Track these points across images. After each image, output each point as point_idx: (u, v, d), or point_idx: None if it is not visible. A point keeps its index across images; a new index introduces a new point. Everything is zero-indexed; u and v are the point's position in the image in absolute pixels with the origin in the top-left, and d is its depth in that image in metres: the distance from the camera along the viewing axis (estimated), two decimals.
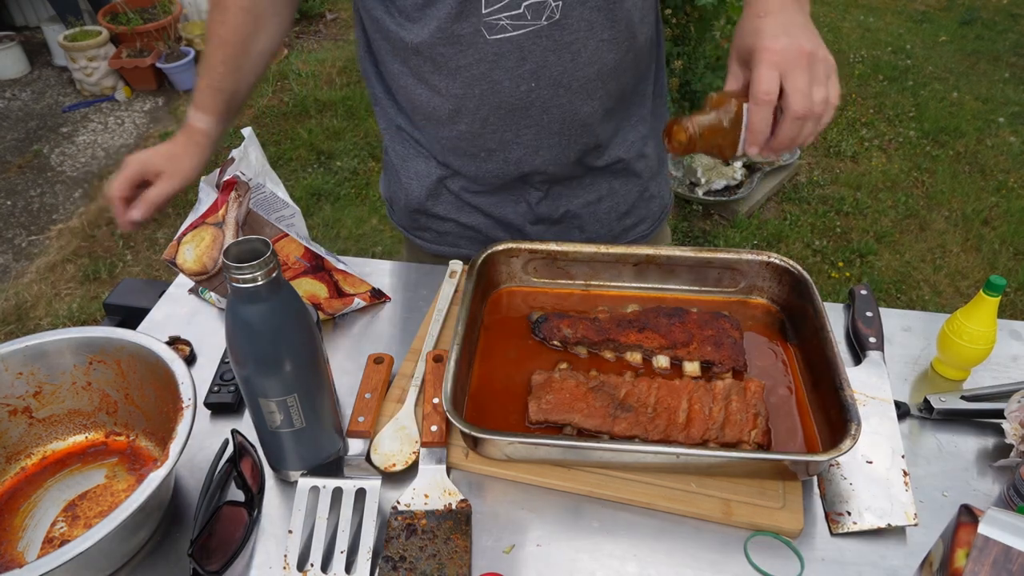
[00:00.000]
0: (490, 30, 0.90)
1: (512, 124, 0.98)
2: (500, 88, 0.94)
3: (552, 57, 0.92)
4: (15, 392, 0.83)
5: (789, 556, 0.75)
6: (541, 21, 0.90)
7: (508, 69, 0.92)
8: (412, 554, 0.74)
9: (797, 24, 0.77)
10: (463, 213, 1.11)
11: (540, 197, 1.08)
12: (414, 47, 0.93)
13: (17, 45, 4.13)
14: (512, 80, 0.93)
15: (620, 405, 0.84)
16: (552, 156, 1.02)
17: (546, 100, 0.96)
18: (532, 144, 1.00)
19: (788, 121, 0.76)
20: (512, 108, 0.96)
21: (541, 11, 0.89)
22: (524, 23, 0.89)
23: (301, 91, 3.96)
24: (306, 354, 0.73)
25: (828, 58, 0.76)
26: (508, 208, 1.09)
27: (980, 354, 0.91)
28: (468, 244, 1.15)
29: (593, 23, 0.91)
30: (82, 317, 2.64)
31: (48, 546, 0.77)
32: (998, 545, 0.57)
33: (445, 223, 1.14)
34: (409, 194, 1.12)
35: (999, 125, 3.61)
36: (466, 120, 0.98)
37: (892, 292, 2.71)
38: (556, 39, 0.91)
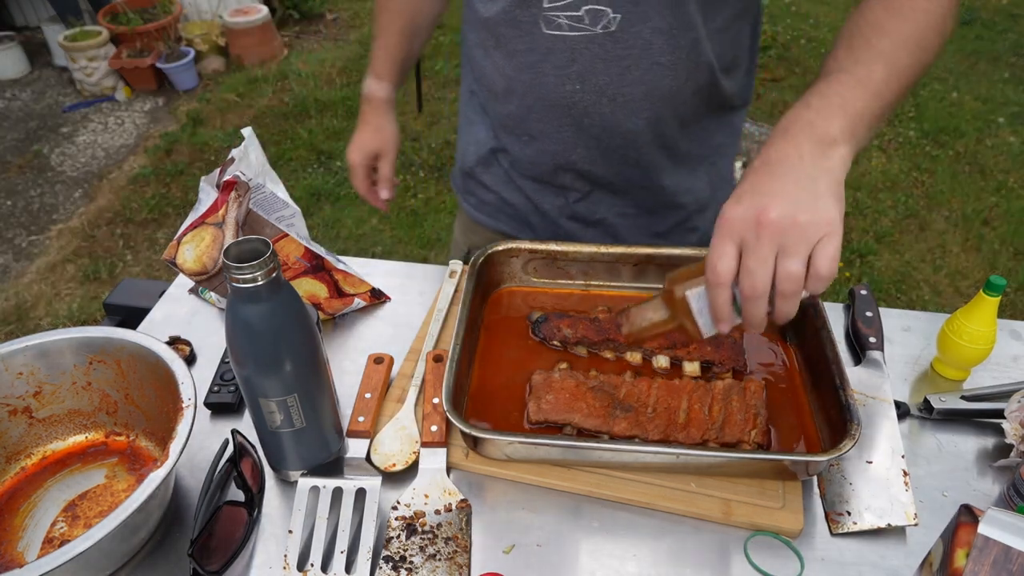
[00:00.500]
0: (547, 24, 0.91)
1: (553, 118, 0.99)
2: (546, 81, 0.96)
3: (600, 66, 0.92)
4: (15, 392, 0.83)
5: (789, 556, 0.75)
6: (597, 29, 0.89)
7: (556, 66, 0.94)
8: (412, 554, 0.74)
9: (789, 179, 0.64)
10: (508, 189, 1.14)
11: (578, 197, 1.09)
12: (483, 20, 0.97)
13: (17, 45, 4.14)
14: (558, 77, 0.95)
15: (620, 405, 0.84)
16: (589, 158, 1.03)
17: (588, 105, 0.96)
18: (570, 142, 1.01)
19: (744, 303, 0.65)
20: (554, 103, 0.97)
21: (599, 19, 0.89)
22: (580, 26, 0.90)
23: (301, 91, 3.96)
24: (306, 354, 0.73)
25: (816, 221, 0.61)
26: (548, 198, 1.11)
27: (980, 354, 0.91)
28: (506, 220, 1.17)
29: (651, 44, 0.90)
30: (82, 317, 2.64)
31: (48, 546, 0.77)
32: (998, 545, 0.57)
33: (489, 193, 1.16)
34: (465, 156, 1.17)
35: (999, 125, 3.61)
36: (514, 102, 1.01)
37: (892, 292, 2.71)
38: (608, 50, 0.91)
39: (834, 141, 0.65)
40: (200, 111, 3.84)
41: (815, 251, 0.62)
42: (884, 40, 0.69)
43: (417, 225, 3.05)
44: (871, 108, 0.67)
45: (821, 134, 0.65)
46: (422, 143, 3.56)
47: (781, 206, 0.62)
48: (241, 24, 4.14)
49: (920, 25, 0.70)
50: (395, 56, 1.15)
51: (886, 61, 0.68)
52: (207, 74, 4.15)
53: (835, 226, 0.62)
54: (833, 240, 0.62)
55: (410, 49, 1.17)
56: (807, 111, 0.67)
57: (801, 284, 0.63)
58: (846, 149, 0.65)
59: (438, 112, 3.80)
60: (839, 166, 0.64)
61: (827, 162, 0.64)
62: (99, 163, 3.53)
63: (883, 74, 0.67)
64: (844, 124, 0.65)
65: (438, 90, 3.99)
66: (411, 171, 3.37)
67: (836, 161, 0.64)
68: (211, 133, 3.66)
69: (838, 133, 0.65)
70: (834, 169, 0.64)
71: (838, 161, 0.64)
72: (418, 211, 3.13)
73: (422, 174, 3.36)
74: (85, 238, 3.05)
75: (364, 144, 1.15)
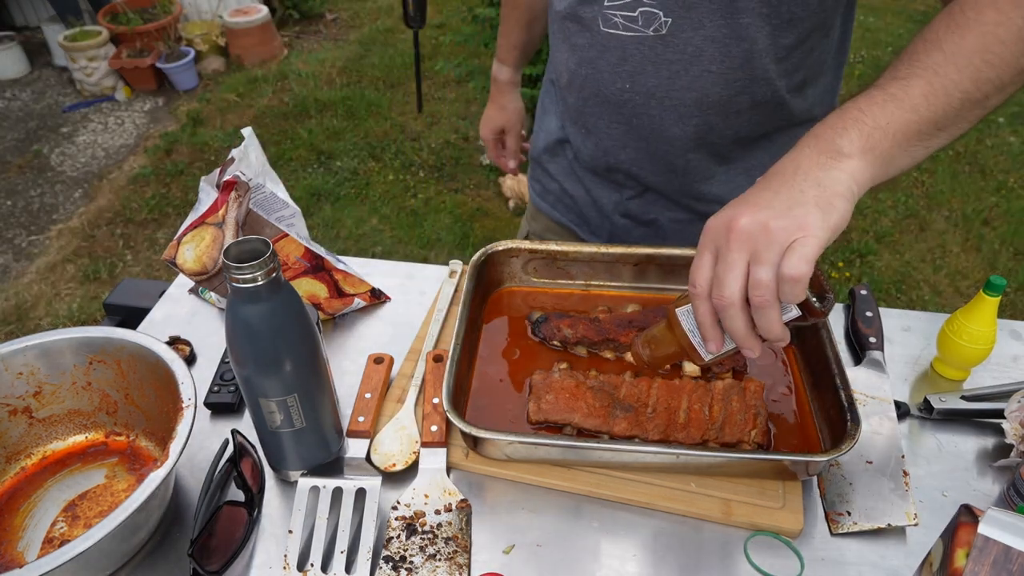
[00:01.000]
0: (605, 22, 0.93)
1: (605, 115, 1.02)
2: (600, 78, 0.98)
3: (650, 68, 0.93)
4: (15, 392, 0.83)
5: (789, 556, 0.75)
6: (648, 31, 0.90)
7: (610, 63, 0.96)
8: (412, 554, 0.74)
9: (773, 189, 0.62)
10: (569, 180, 1.17)
11: (632, 195, 1.10)
12: (556, 12, 1.01)
13: (17, 45, 4.14)
14: (611, 75, 0.96)
15: (620, 405, 0.84)
16: (637, 159, 1.04)
17: (637, 105, 0.97)
18: (620, 140, 1.03)
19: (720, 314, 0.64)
20: (606, 100, 1.00)
21: (651, 21, 0.90)
22: (634, 27, 0.91)
23: (301, 91, 3.96)
24: (306, 354, 0.73)
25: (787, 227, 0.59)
26: (604, 192, 1.13)
27: (980, 354, 0.91)
28: (564, 211, 1.21)
29: (702, 51, 0.90)
30: (82, 317, 2.64)
31: (48, 546, 0.77)
32: (998, 545, 0.57)
33: (553, 182, 1.20)
34: (536, 143, 1.22)
35: (999, 125, 3.61)
36: (575, 94, 1.04)
37: (892, 292, 2.71)
38: (658, 52, 0.91)
39: (839, 153, 0.63)
40: (200, 111, 3.84)
41: (784, 255, 0.59)
42: (935, 55, 0.65)
43: (417, 225, 3.04)
44: (903, 122, 0.64)
45: (825, 147, 0.63)
46: (422, 143, 3.56)
47: (753, 213, 0.61)
48: (241, 24, 4.14)
49: (986, 39, 0.64)
50: (514, 42, 1.27)
51: (930, 76, 0.65)
52: (207, 74, 4.16)
53: (810, 231, 0.59)
54: (806, 243, 0.59)
55: (529, 36, 1.27)
56: (821, 125, 0.65)
57: (772, 292, 0.60)
58: (859, 163, 0.63)
59: (438, 112, 3.80)
60: (842, 179, 0.62)
61: (824, 173, 0.62)
62: (99, 163, 3.53)
63: (923, 88, 0.64)
64: (857, 137, 0.63)
65: (438, 90, 3.99)
66: (411, 171, 3.37)
67: (838, 173, 0.62)
68: (211, 133, 3.66)
69: (847, 145, 0.63)
70: (834, 181, 0.62)
71: (841, 174, 0.62)
72: (418, 211, 3.13)
73: (422, 174, 3.36)
74: (85, 238, 3.05)
75: (491, 120, 1.36)
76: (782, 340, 0.64)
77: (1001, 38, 0.65)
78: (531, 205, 1.29)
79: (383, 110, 3.81)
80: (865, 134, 0.63)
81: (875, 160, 0.63)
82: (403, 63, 4.19)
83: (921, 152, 0.67)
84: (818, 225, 0.59)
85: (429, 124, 3.71)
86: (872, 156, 0.63)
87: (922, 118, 0.64)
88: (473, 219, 3.07)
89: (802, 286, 0.59)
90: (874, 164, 0.63)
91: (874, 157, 0.63)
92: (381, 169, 3.38)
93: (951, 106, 0.65)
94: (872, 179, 0.64)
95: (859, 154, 0.63)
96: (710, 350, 0.68)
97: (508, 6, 1.25)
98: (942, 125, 0.65)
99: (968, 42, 0.65)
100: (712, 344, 0.67)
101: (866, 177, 0.63)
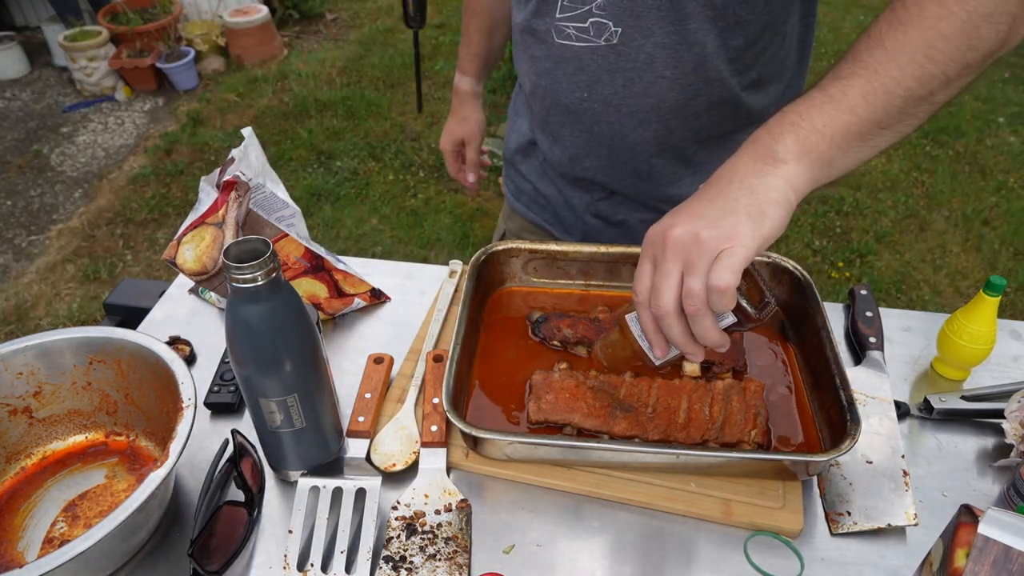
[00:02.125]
0: (559, 34, 0.94)
1: (567, 124, 1.03)
2: (559, 88, 0.99)
3: (606, 77, 0.94)
4: (15, 392, 0.83)
5: (789, 556, 0.75)
6: (600, 41, 0.91)
7: (567, 74, 0.96)
8: (412, 554, 0.74)
9: (709, 198, 0.64)
10: (542, 181, 1.17)
11: (602, 197, 1.11)
12: (515, 25, 1.02)
13: (17, 45, 4.14)
14: (569, 85, 0.97)
15: (620, 405, 0.84)
16: (602, 166, 1.05)
17: (597, 114, 0.98)
18: (584, 147, 1.04)
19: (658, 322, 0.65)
20: (567, 109, 1.01)
21: (602, 31, 0.90)
22: (586, 38, 0.92)
23: (301, 91, 3.96)
24: (306, 354, 0.73)
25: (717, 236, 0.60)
26: (576, 193, 1.13)
27: (980, 354, 0.91)
28: (539, 211, 1.21)
29: (654, 57, 0.90)
30: (82, 317, 2.64)
31: (48, 546, 0.77)
32: (998, 545, 0.57)
33: (526, 182, 1.21)
34: (508, 144, 1.22)
35: (999, 125, 3.61)
36: (538, 103, 1.05)
37: (892, 292, 2.71)
38: (611, 61, 0.92)
39: (775, 159, 0.63)
40: (200, 111, 3.84)
41: (712, 265, 0.60)
42: (877, 53, 0.64)
43: (417, 225, 3.04)
44: (841, 124, 0.63)
45: (762, 153, 0.64)
46: (422, 143, 3.56)
47: (687, 223, 0.62)
48: (241, 24, 4.14)
49: (928, 34, 0.63)
50: (475, 51, 1.25)
51: (870, 75, 0.64)
52: (207, 74, 4.15)
53: (739, 240, 0.60)
54: (733, 253, 0.59)
55: (490, 45, 1.25)
56: (760, 130, 0.65)
57: (703, 302, 0.61)
58: (795, 168, 0.63)
59: (438, 112, 3.80)
60: (777, 185, 0.62)
61: (759, 180, 0.62)
62: (99, 163, 3.53)
63: (862, 88, 0.63)
64: (793, 142, 0.63)
65: (438, 90, 3.99)
66: (411, 171, 3.37)
67: (773, 180, 0.62)
68: (211, 133, 3.66)
69: (783, 151, 0.63)
70: (768, 188, 0.62)
71: (776, 180, 0.62)
72: (418, 211, 3.13)
73: (422, 174, 3.36)
74: (85, 238, 3.05)
75: (451, 132, 1.32)
76: (721, 346, 0.65)
77: (944, 33, 0.63)
78: (506, 204, 1.30)
79: (383, 110, 3.81)
80: (801, 138, 0.63)
81: (812, 164, 0.63)
82: (403, 63, 4.19)
83: (866, 152, 0.66)
84: (747, 235, 0.60)
85: (429, 124, 3.71)
86: (809, 160, 0.63)
87: (861, 119, 0.64)
88: (473, 219, 3.07)
89: (729, 296, 0.60)
90: (812, 168, 0.63)
91: (811, 161, 0.63)
92: (381, 169, 3.38)
93: (893, 104, 0.64)
94: (812, 182, 0.64)
95: (795, 159, 0.63)
96: (656, 356, 0.70)
97: (468, 13, 1.23)
98: (885, 124, 0.65)
99: (910, 38, 0.64)
100: (657, 350, 0.68)
101: (803, 181, 0.63)
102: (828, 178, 0.65)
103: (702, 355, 0.66)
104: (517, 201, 1.24)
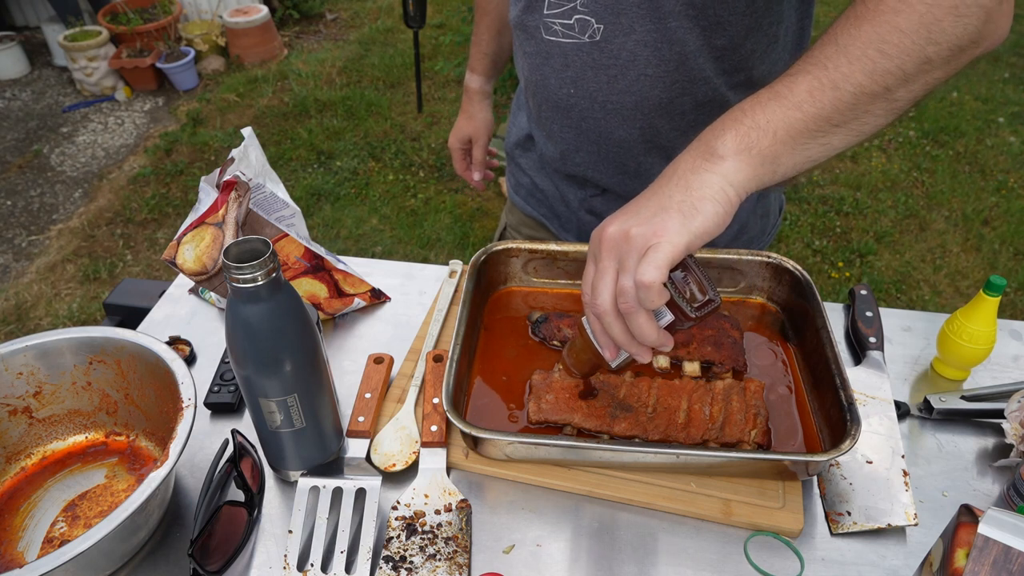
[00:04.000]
0: (546, 30, 0.95)
1: (557, 119, 1.03)
2: (548, 83, 1.00)
3: (590, 73, 0.94)
4: (15, 392, 0.83)
5: (789, 556, 0.75)
6: (584, 37, 0.91)
7: (555, 69, 0.97)
8: (412, 554, 0.74)
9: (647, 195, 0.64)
10: (540, 175, 1.17)
11: (595, 193, 1.11)
12: (510, 21, 1.03)
13: (17, 45, 4.14)
14: (556, 81, 0.98)
15: (620, 405, 0.84)
16: (591, 162, 1.05)
17: (583, 110, 0.98)
18: (574, 143, 1.04)
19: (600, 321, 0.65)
20: (556, 105, 1.01)
21: (586, 28, 0.91)
22: (571, 34, 0.92)
23: (301, 91, 3.96)
24: (306, 354, 0.73)
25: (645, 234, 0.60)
26: (571, 189, 1.14)
27: (980, 354, 0.91)
28: (536, 205, 1.21)
29: (636, 55, 0.90)
30: (82, 317, 2.64)
31: (48, 546, 0.77)
32: (998, 545, 0.57)
33: (525, 176, 1.21)
34: (509, 138, 1.23)
35: (999, 125, 3.61)
36: (532, 98, 1.06)
37: (892, 292, 2.71)
38: (595, 58, 0.92)
39: (713, 155, 0.62)
40: (200, 111, 3.84)
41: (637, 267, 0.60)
42: (828, 48, 0.63)
43: (417, 225, 3.05)
44: (785, 120, 0.62)
45: (703, 150, 0.63)
46: (422, 143, 3.56)
47: (621, 221, 0.62)
48: (241, 24, 4.14)
49: (882, 28, 0.61)
50: (484, 50, 1.26)
51: (818, 71, 0.62)
52: (207, 74, 4.16)
53: (665, 236, 0.59)
54: (659, 249, 0.59)
55: (499, 44, 1.25)
56: (706, 130, 0.65)
57: (634, 299, 0.61)
58: (733, 164, 0.62)
59: (438, 112, 3.80)
60: (712, 180, 0.61)
61: (695, 177, 0.62)
62: (99, 163, 3.53)
63: (808, 84, 0.62)
64: (732, 138, 0.62)
65: (438, 90, 3.99)
66: (411, 171, 3.37)
67: (708, 176, 0.62)
68: (211, 133, 3.66)
69: (721, 147, 0.62)
70: (702, 184, 0.61)
71: (712, 175, 0.62)
72: (418, 211, 3.13)
73: (422, 174, 3.36)
74: (85, 238, 3.05)
75: (458, 130, 1.32)
76: (662, 345, 0.64)
77: (900, 27, 0.61)
78: (508, 199, 1.31)
79: (383, 110, 3.81)
80: (742, 134, 0.62)
81: (752, 160, 0.62)
82: (403, 63, 4.19)
83: (817, 151, 0.64)
84: (675, 230, 0.60)
85: (429, 124, 3.71)
86: (748, 156, 0.62)
87: (807, 115, 0.62)
88: (473, 219, 3.07)
89: (655, 292, 0.59)
90: (752, 164, 0.62)
91: (751, 157, 0.62)
92: (381, 169, 3.39)
93: (841, 100, 0.62)
94: (754, 179, 0.63)
95: (733, 155, 0.62)
96: (606, 357, 0.69)
97: (479, 12, 1.24)
98: (836, 121, 0.63)
99: (863, 33, 0.62)
100: (606, 351, 0.68)
101: (742, 178, 0.62)
102: (776, 176, 0.64)
103: (648, 355, 0.66)
104: (516, 195, 1.25)
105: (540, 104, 1.04)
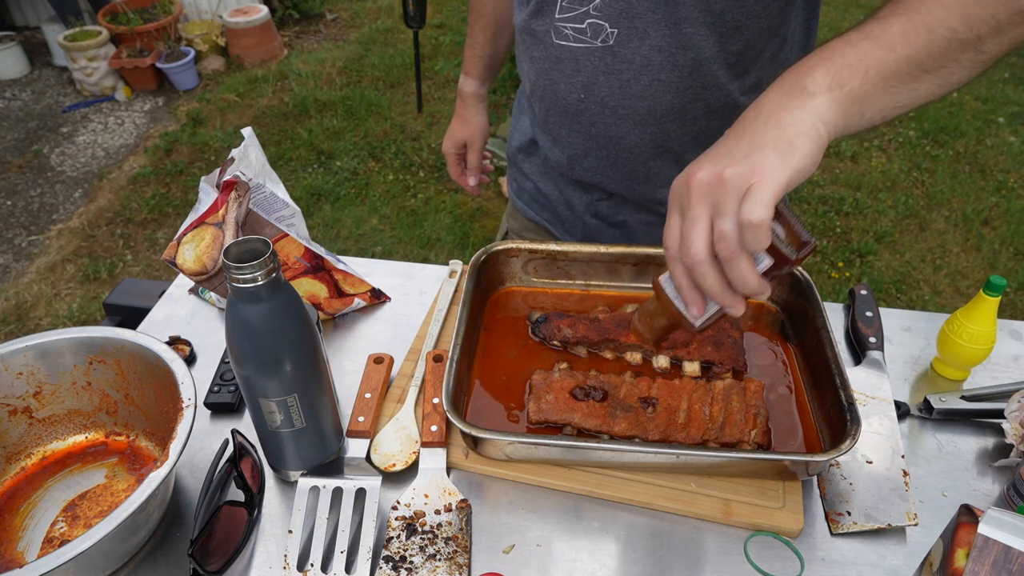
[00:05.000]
0: (557, 35, 0.94)
1: (565, 124, 1.03)
2: (557, 88, 0.99)
3: (602, 78, 0.94)
4: (15, 392, 0.83)
5: (789, 556, 0.75)
6: (597, 42, 0.91)
7: (565, 75, 0.97)
8: (412, 554, 0.74)
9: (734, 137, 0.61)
10: (543, 180, 1.17)
11: (601, 197, 1.11)
12: (516, 26, 1.02)
13: (17, 45, 4.14)
14: (567, 86, 0.97)
15: (620, 405, 0.84)
16: (599, 167, 1.05)
17: (594, 115, 0.98)
18: (582, 148, 1.04)
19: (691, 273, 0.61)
20: (565, 110, 1.01)
21: (599, 33, 0.90)
22: (584, 39, 0.92)
23: (301, 91, 3.96)
24: (306, 354, 0.73)
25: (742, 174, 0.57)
26: (576, 194, 1.13)
27: (980, 354, 0.91)
28: (539, 210, 1.21)
29: (650, 60, 0.90)
30: (82, 317, 2.64)
31: (48, 546, 0.77)
32: (998, 545, 0.57)
33: (528, 181, 1.20)
34: (511, 143, 1.22)
35: (999, 125, 3.61)
36: (538, 103, 1.05)
37: (892, 292, 2.71)
38: (608, 63, 0.92)
39: (803, 92, 0.60)
40: (200, 111, 3.84)
41: (742, 201, 0.57)
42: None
43: (417, 225, 3.04)
44: (877, 60, 0.60)
45: (790, 88, 0.61)
46: (422, 143, 3.56)
47: (711, 165, 0.59)
48: (241, 24, 4.14)
49: None
50: (480, 53, 1.23)
51: (911, 14, 0.61)
52: (207, 74, 4.15)
53: (766, 174, 0.56)
54: (762, 187, 0.56)
55: (495, 47, 1.23)
56: (790, 70, 0.62)
57: (736, 243, 0.57)
58: (825, 100, 0.60)
59: (438, 112, 3.80)
60: (805, 118, 0.59)
61: (786, 114, 0.59)
62: (99, 163, 3.53)
63: (902, 26, 0.60)
64: (823, 75, 0.60)
65: (438, 90, 3.99)
66: (411, 171, 3.37)
67: (800, 113, 0.59)
68: (211, 133, 3.66)
69: (812, 84, 0.60)
70: (795, 121, 0.59)
71: (804, 113, 0.59)
72: (418, 211, 3.13)
73: (422, 174, 3.36)
74: (85, 238, 3.05)
75: (453, 134, 1.30)
76: (762, 292, 0.60)
77: None
78: (510, 203, 1.30)
79: (383, 110, 3.81)
80: (833, 72, 0.60)
81: (844, 98, 0.60)
82: (403, 63, 4.19)
83: (904, 96, 0.63)
84: (774, 167, 0.57)
85: (429, 124, 3.71)
86: (840, 93, 0.60)
87: (900, 56, 0.61)
88: (473, 219, 3.07)
89: (763, 231, 0.56)
90: (843, 102, 0.60)
91: (842, 95, 0.60)
92: (381, 169, 3.38)
93: (935, 44, 0.61)
94: (843, 117, 0.61)
95: (824, 91, 0.60)
96: (693, 314, 0.65)
97: (474, 15, 1.22)
98: (927, 66, 0.61)
99: None
100: (693, 307, 0.64)
101: (833, 114, 0.60)
102: (863, 117, 0.62)
103: (742, 307, 0.61)
104: (519, 199, 1.24)
105: (547, 109, 1.03)
